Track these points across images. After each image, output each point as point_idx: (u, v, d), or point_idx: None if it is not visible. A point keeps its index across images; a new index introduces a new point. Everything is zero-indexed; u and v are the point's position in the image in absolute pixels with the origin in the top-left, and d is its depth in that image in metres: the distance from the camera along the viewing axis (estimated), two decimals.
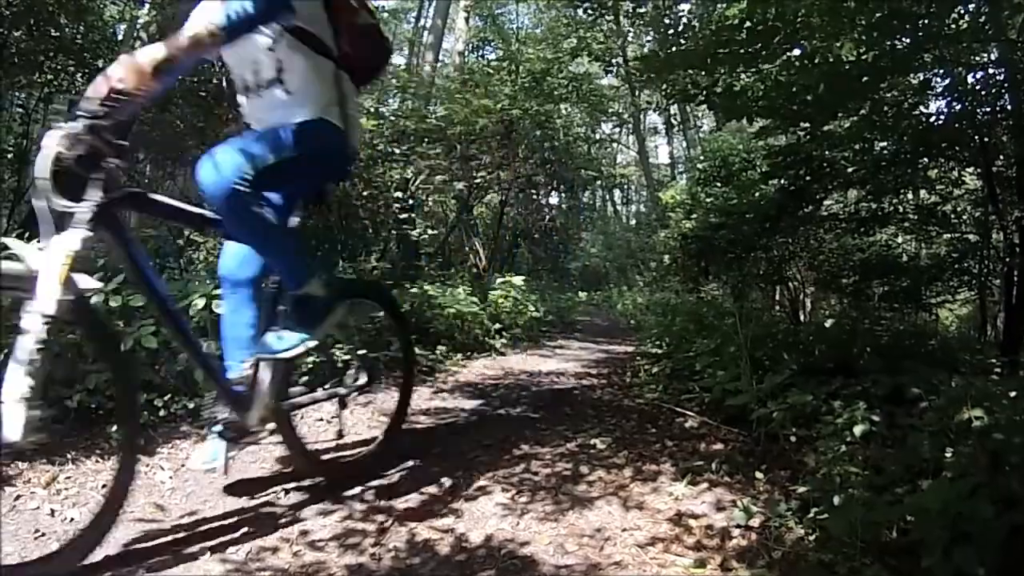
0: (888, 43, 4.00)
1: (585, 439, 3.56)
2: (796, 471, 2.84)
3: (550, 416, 4.15)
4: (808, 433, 2.98)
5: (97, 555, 1.99)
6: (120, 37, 10.34)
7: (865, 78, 4.07)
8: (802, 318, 7.87)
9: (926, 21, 3.84)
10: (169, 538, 2.18)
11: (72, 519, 2.27)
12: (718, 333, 5.20)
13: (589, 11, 7.46)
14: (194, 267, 7.42)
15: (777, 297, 8.66)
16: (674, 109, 20.44)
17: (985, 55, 4.75)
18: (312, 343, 2.44)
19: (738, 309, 5.91)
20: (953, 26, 4.10)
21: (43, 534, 2.14)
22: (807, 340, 4.83)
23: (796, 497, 2.54)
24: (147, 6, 8.73)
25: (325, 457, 3.03)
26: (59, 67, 6.61)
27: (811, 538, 2.18)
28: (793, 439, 3.09)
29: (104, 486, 2.52)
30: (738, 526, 2.36)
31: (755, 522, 2.36)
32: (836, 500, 2.19)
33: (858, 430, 2.66)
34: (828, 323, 5.33)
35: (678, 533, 2.34)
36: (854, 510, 2.04)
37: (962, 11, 4.22)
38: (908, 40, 3.96)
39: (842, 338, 4.71)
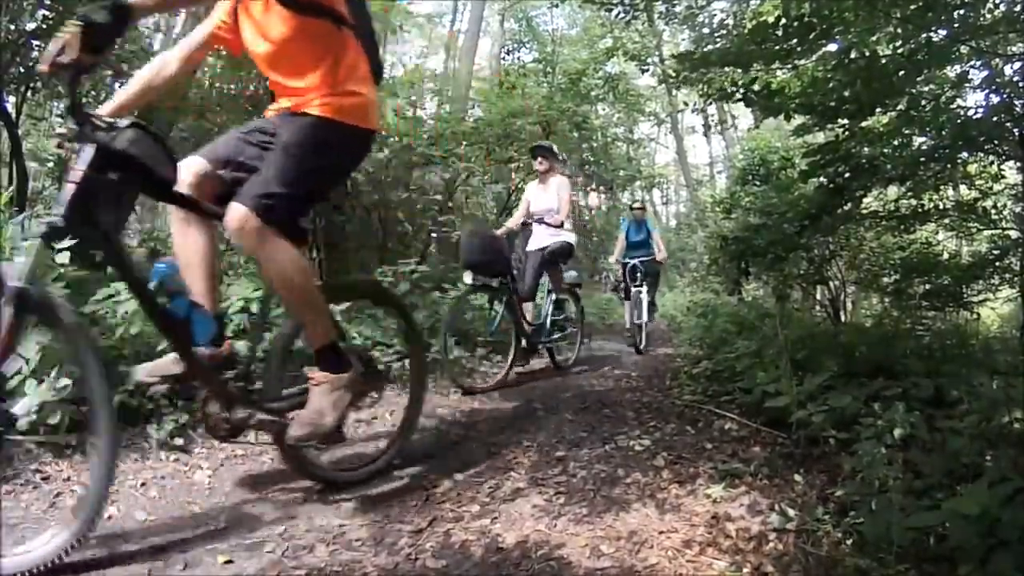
0: (924, 36, 3.93)
1: (624, 441, 3.57)
2: (835, 474, 2.81)
3: (589, 418, 4.17)
4: (848, 436, 2.94)
5: (135, 548, 2.06)
6: (156, 48, 10.57)
7: (902, 72, 4.01)
8: (843, 318, 7.77)
9: (961, 12, 3.77)
10: (206, 536, 2.24)
11: (110, 516, 2.33)
12: (758, 334, 5.16)
13: (622, 13, 7.43)
14: (233, 271, 7.57)
15: (818, 297, 8.55)
16: (712, 109, 20.26)
17: (1022, 45, 4.64)
18: None
19: (779, 310, 5.86)
20: (989, 16, 4.03)
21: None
22: (848, 341, 4.77)
23: (834, 501, 2.52)
24: (182, 13, 8.91)
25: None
26: (96, 78, 6.78)
27: (848, 543, 2.17)
28: (833, 442, 3.06)
29: (143, 484, 2.61)
30: (775, 530, 2.35)
31: (792, 526, 2.35)
32: (873, 504, 2.18)
33: (897, 433, 2.63)
34: (869, 323, 5.25)
35: (714, 536, 2.33)
36: (891, 515, 2.02)
37: (998, 0, 4.14)
38: (944, 32, 3.89)
39: (883, 339, 4.64)
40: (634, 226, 9.60)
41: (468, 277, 5.46)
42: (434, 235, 10.22)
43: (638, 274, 8.71)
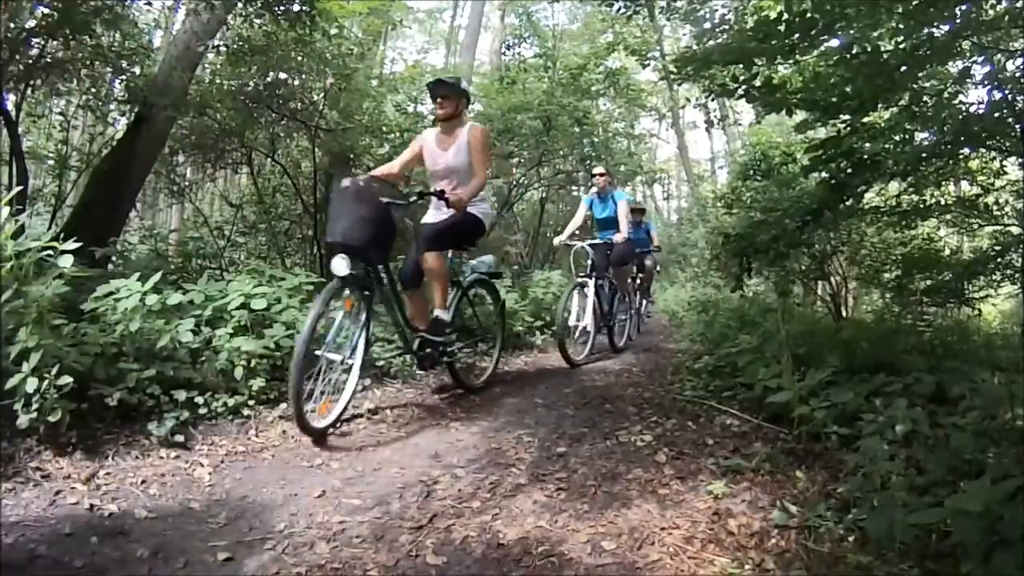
0: (926, 31, 3.92)
1: (625, 437, 3.56)
2: (837, 470, 2.81)
3: (591, 413, 4.16)
4: (850, 432, 2.94)
5: (136, 545, 2.06)
6: (156, 44, 10.53)
7: (904, 68, 4.00)
8: (845, 314, 7.76)
9: (963, 8, 3.75)
10: (206, 533, 2.23)
11: (111, 513, 2.33)
12: (760, 330, 5.15)
13: (623, 8, 7.40)
14: (235, 267, 7.57)
15: (820, 292, 8.54)
16: (713, 104, 20.20)
17: None
18: None
19: (780, 306, 5.85)
20: (991, 12, 4.01)
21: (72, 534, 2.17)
22: (849, 337, 4.77)
23: (836, 497, 2.52)
24: (182, 10, 8.89)
25: None
26: (96, 75, 6.74)
27: (850, 540, 2.16)
28: (835, 438, 3.06)
29: (143, 481, 2.60)
30: (776, 526, 2.34)
31: (794, 522, 2.34)
32: (875, 501, 2.17)
33: (899, 429, 2.62)
34: (870, 319, 5.24)
35: (716, 533, 2.33)
36: (893, 511, 2.01)
37: None
38: (946, 28, 3.88)
39: (884, 335, 4.64)
40: (598, 200, 7.61)
41: (341, 266, 3.50)
42: None
43: (589, 260, 6.73)
